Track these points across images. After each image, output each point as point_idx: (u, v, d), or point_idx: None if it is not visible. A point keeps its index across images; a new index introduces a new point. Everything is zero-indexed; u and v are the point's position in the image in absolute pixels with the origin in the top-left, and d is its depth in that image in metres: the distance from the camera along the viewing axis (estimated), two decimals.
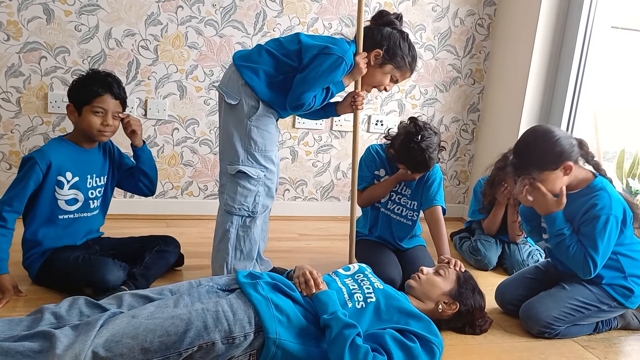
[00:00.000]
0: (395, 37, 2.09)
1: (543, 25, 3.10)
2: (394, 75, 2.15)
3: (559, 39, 3.13)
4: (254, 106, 2.04)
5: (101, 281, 2.01)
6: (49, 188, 2.09)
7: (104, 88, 2.09)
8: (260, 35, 3.08)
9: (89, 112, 2.09)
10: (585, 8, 2.98)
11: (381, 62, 2.10)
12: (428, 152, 2.29)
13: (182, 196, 3.21)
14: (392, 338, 1.66)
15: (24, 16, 2.75)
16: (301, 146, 3.33)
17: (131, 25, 2.90)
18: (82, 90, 2.09)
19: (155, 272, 2.24)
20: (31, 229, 2.11)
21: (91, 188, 2.19)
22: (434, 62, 3.43)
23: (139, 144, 2.27)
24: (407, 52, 2.11)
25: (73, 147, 2.15)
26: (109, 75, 2.14)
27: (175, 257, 2.36)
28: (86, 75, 2.13)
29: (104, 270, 2.02)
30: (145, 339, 1.50)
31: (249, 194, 2.11)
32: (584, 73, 3.05)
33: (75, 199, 2.15)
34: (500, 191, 2.73)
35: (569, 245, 2.03)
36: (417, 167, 2.34)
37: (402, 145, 2.33)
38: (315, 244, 3.00)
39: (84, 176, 2.16)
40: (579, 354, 2.03)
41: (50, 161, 2.06)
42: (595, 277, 2.07)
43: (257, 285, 1.74)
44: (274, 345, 1.61)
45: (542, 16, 3.08)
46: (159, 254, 2.28)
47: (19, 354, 1.46)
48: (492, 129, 3.52)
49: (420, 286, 1.99)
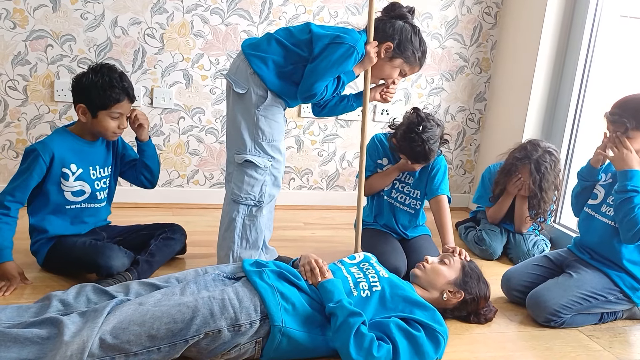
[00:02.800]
0: (407, 31, 2.08)
1: (551, 14, 3.07)
2: (403, 69, 2.15)
3: (566, 28, 3.10)
4: (262, 95, 2.04)
5: (106, 266, 2.02)
6: (54, 180, 2.09)
7: (123, 94, 2.08)
8: (265, 24, 3.07)
9: (106, 117, 2.08)
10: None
11: (391, 55, 2.09)
12: (428, 144, 2.28)
13: (188, 185, 3.22)
14: (397, 327, 1.67)
15: (30, 4, 2.75)
16: (307, 135, 3.33)
17: (137, 14, 2.90)
18: (99, 95, 2.04)
19: (160, 259, 2.25)
20: (38, 217, 2.13)
21: (96, 179, 2.20)
22: (440, 51, 3.41)
23: (145, 139, 2.26)
24: (417, 47, 2.11)
25: (76, 139, 2.15)
26: (122, 78, 2.09)
27: (181, 244, 2.37)
28: (100, 77, 2.05)
29: (109, 256, 2.04)
30: (152, 326, 1.51)
31: (255, 184, 2.11)
32: (592, 62, 3.02)
33: (82, 191, 2.16)
34: (513, 181, 2.73)
35: (636, 205, 2.03)
36: (416, 158, 2.34)
37: (403, 135, 2.33)
38: (320, 233, 3.00)
39: (87, 168, 2.17)
40: (583, 343, 2.03)
41: (53, 153, 2.06)
42: (618, 254, 2.14)
43: (262, 273, 1.75)
44: (279, 333, 1.62)
45: (550, 5, 3.05)
46: (165, 241, 2.29)
47: (27, 340, 1.48)
48: (498, 118, 3.50)
49: (425, 275, 1.99)
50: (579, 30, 3.04)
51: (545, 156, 2.65)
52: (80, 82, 2.08)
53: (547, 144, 2.73)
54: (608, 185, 2.25)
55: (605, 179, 2.29)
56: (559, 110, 3.16)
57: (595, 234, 2.23)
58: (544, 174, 2.64)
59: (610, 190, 2.21)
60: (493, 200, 2.87)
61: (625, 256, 2.14)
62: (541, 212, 2.72)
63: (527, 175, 2.67)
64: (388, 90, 2.22)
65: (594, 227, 2.24)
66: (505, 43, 3.44)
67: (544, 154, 2.66)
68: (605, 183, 2.27)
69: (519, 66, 3.29)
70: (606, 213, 2.20)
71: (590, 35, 3.01)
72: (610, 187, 2.23)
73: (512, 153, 2.76)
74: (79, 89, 2.09)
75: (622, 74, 3.04)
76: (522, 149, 2.71)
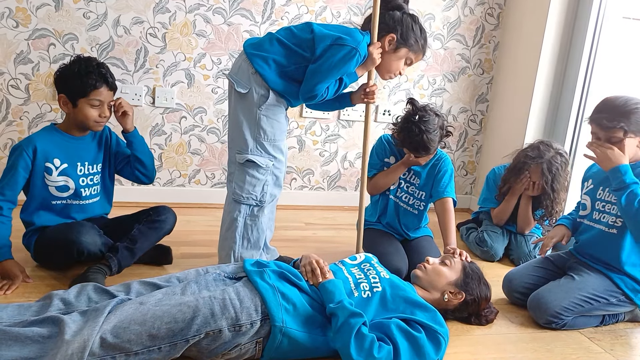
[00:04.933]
0: (407, 20, 2.09)
1: (553, 15, 3.07)
2: (409, 58, 2.15)
3: (569, 30, 3.10)
4: (264, 95, 2.04)
5: (76, 242, 1.98)
6: (39, 174, 2.09)
7: (101, 80, 2.08)
8: (268, 24, 3.07)
9: (86, 105, 2.08)
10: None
11: (395, 46, 2.10)
12: (427, 133, 2.28)
13: (189, 184, 3.22)
14: (398, 327, 1.67)
15: (33, 3, 2.75)
16: (308, 135, 3.33)
17: (139, 13, 2.90)
18: (77, 83, 2.06)
19: (143, 244, 2.17)
20: (27, 211, 2.13)
21: (82, 175, 2.18)
22: (442, 52, 3.41)
23: (130, 128, 2.23)
24: (419, 35, 2.12)
25: (62, 135, 2.16)
26: (101, 65, 2.10)
27: (170, 225, 2.27)
28: (77, 65, 2.07)
29: (80, 231, 2.01)
30: (152, 325, 1.51)
31: (257, 183, 2.11)
32: (595, 64, 3.02)
33: (66, 186, 2.15)
34: (520, 180, 2.73)
35: (636, 197, 1.98)
36: (416, 148, 2.33)
37: (401, 127, 2.35)
38: (321, 233, 3.00)
39: (73, 163, 2.15)
40: (585, 345, 2.03)
41: (35, 147, 2.06)
42: (617, 259, 2.12)
43: (263, 273, 1.75)
44: (280, 333, 1.62)
45: (553, 6, 3.05)
46: (149, 224, 2.21)
47: (28, 339, 1.48)
48: (500, 119, 3.50)
49: (426, 276, 1.99)
50: (581, 31, 3.03)
51: (557, 157, 2.66)
52: (60, 73, 2.10)
53: (559, 145, 2.74)
54: (591, 191, 2.25)
55: (588, 186, 2.29)
56: (561, 111, 3.16)
57: (592, 242, 2.22)
58: (555, 175, 2.65)
59: (595, 195, 2.21)
60: (499, 198, 2.86)
61: (625, 260, 2.13)
62: (554, 214, 2.72)
63: (537, 175, 2.67)
64: (367, 92, 2.19)
65: (589, 236, 2.24)
66: (507, 44, 3.44)
67: (555, 155, 2.67)
68: (589, 189, 2.27)
69: (521, 67, 3.29)
70: (599, 219, 2.19)
71: (593, 36, 3.00)
72: (593, 192, 2.23)
73: (523, 152, 2.75)
74: (59, 80, 2.10)
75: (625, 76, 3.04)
76: (535, 148, 2.70)
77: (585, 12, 3.01)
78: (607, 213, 2.17)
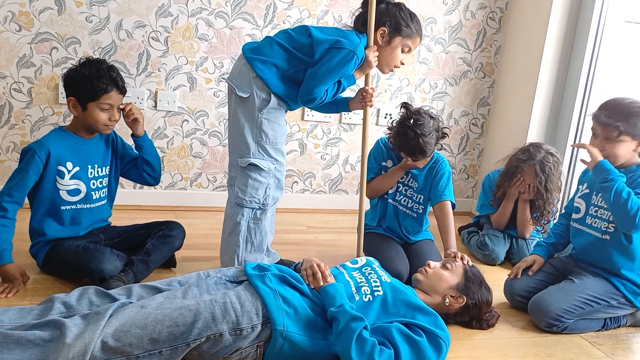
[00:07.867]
0: (393, 10, 2.09)
1: (555, 19, 3.07)
2: (405, 45, 2.13)
3: (571, 33, 3.10)
4: (265, 99, 2.05)
5: (98, 270, 2.01)
6: (50, 178, 2.09)
7: (111, 84, 2.07)
8: (270, 28, 3.07)
9: (96, 108, 2.08)
10: (599, 2, 2.95)
11: (389, 38, 2.10)
12: (422, 137, 2.28)
13: (191, 188, 3.22)
14: (399, 332, 1.67)
15: (36, 7, 2.76)
16: (310, 139, 3.33)
17: (142, 17, 2.91)
18: (87, 86, 2.05)
19: (157, 258, 2.21)
20: (36, 217, 2.13)
21: (93, 178, 2.19)
22: (444, 56, 3.41)
23: (141, 133, 2.25)
24: (409, 19, 2.11)
25: (73, 138, 2.16)
26: (111, 69, 2.10)
27: (180, 241, 2.32)
28: (87, 69, 2.06)
29: (101, 260, 2.02)
30: (154, 329, 1.51)
31: (259, 187, 2.11)
32: (596, 68, 3.02)
33: (78, 190, 2.15)
34: (514, 184, 2.73)
35: (622, 190, 1.98)
36: (413, 152, 2.33)
37: (397, 132, 2.35)
38: (322, 237, 3.00)
39: (84, 166, 2.16)
40: (586, 350, 2.02)
41: (49, 150, 2.06)
42: (613, 265, 2.12)
43: (264, 277, 1.75)
44: (281, 337, 1.62)
45: (554, 10, 3.05)
46: (162, 239, 2.25)
47: (30, 342, 1.48)
48: (502, 123, 3.50)
49: (427, 280, 1.99)
50: (583, 35, 3.03)
51: (549, 157, 2.67)
52: (69, 75, 2.10)
53: (548, 146, 2.75)
54: (586, 196, 2.25)
55: (582, 190, 2.29)
56: (563, 115, 3.16)
57: (588, 250, 2.23)
58: (548, 175, 2.66)
59: (590, 200, 2.22)
60: (494, 203, 2.87)
61: (621, 265, 2.13)
62: (545, 214, 2.72)
63: (530, 177, 2.68)
64: (365, 96, 2.19)
65: (584, 241, 2.24)
66: (509, 48, 3.44)
67: (547, 155, 2.67)
68: (583, 194, 2.27)
69: (522, 71, 3.29)
70: (592, 225, 2.20)
71: (595, 40, 3.00)
72: (588, 196, 2.24)
73: (514, 156, 2.76)
74: (69, 82, 2.10)
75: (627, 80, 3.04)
76: (525, 151, 2.71)
77: (587, 16, 3.01)
78: (599, 218, 2.17)
